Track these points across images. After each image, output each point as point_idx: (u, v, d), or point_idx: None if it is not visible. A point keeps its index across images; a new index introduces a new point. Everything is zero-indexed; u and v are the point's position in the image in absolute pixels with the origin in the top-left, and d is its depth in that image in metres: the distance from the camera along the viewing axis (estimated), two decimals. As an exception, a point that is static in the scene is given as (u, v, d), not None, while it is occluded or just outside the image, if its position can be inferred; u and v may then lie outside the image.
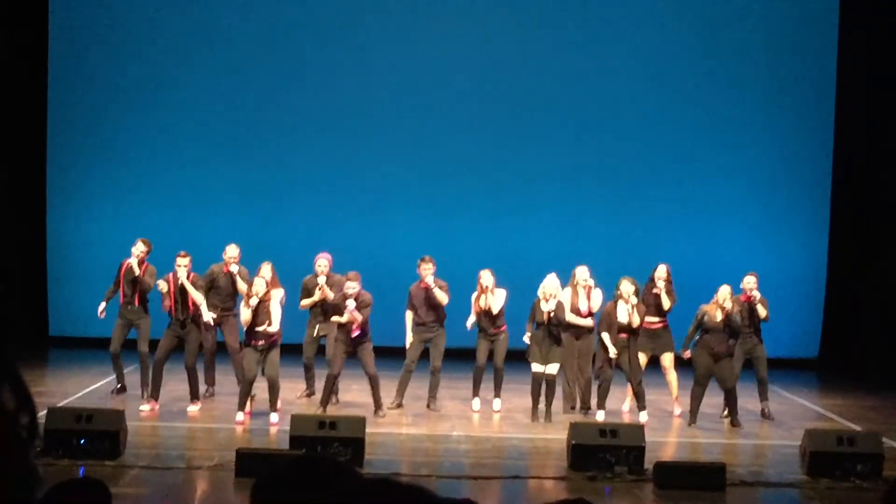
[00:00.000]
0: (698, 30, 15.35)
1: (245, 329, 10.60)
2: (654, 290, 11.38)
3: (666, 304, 11.37)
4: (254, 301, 10.40)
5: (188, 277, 10.92)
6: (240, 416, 10.56)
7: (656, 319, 11.45)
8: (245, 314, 10.48)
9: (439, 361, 11.47)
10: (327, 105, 15.22)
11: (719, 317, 10.81)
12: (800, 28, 15.34)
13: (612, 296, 11.16)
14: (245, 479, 8.24)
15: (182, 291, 10.92)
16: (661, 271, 11.46)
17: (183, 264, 10.92)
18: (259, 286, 10.47)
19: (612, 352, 10.92)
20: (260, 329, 10.46)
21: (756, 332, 11.47)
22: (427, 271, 11.41)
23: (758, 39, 15.33)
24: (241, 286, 11.11)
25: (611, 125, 15.29)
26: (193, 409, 11.05)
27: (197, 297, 10.96)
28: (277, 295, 10.81)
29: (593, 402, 11.27)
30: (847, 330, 15.26)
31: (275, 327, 10.50)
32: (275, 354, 10.61)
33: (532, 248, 14.75)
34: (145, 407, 10.97)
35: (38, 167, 15.26)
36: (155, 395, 11.02)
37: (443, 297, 11.36)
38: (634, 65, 15.28)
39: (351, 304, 10.64)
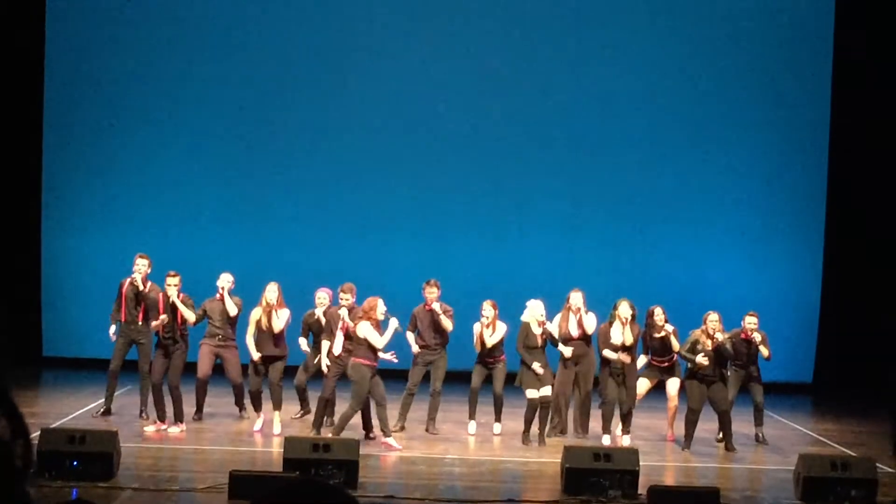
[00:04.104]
0: (692, 53, 15.41)
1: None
2: (662, 335, 11.10)
3: (676, 346, 11.12)
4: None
5: (178, 297, 10.97)
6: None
7: (663, 358, 11.33)
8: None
9: (440, 384, 11.44)
10: (322, 128, 15.26)
11: (710, 345, 10.79)
12: (794, 48, 15.41)
13: (607, 317, 11.15)
14: (238, 502, 8.21)
15: (172, 310, 10.95)
16: (660, 314, 11.18)
17: (173, 283, 10.94)
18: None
19: (619, 356, 10.94)
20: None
21: (753, 362, 11.45)
22: (432, 295, 11.39)
23: (752, 60, 15.39)
24: (188, 315, 11.05)
25: (605, 149, 15.32)
26: (175, 430, 11.03)
27: (188, 315, 11.00)
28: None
29: (593, 424, 11.26)
30: (841, 355, 15.25)
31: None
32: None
33: (526, 272, 14.73)
34: (150, 428, 10.99)
35: (32, 186, 15.26)
36: (162, 417, 11.07)
37: (448, 324, 11.34)
38: (628, 89, 15.33)
39: (343, 312, 10.75)
